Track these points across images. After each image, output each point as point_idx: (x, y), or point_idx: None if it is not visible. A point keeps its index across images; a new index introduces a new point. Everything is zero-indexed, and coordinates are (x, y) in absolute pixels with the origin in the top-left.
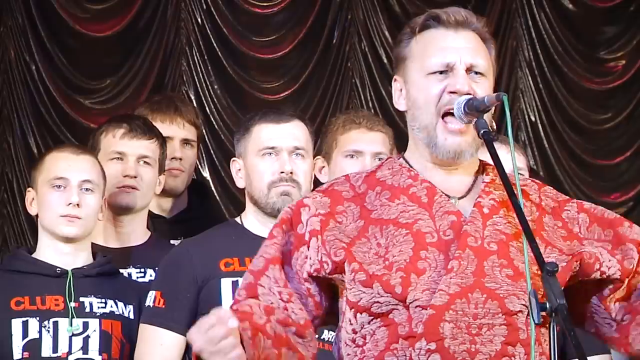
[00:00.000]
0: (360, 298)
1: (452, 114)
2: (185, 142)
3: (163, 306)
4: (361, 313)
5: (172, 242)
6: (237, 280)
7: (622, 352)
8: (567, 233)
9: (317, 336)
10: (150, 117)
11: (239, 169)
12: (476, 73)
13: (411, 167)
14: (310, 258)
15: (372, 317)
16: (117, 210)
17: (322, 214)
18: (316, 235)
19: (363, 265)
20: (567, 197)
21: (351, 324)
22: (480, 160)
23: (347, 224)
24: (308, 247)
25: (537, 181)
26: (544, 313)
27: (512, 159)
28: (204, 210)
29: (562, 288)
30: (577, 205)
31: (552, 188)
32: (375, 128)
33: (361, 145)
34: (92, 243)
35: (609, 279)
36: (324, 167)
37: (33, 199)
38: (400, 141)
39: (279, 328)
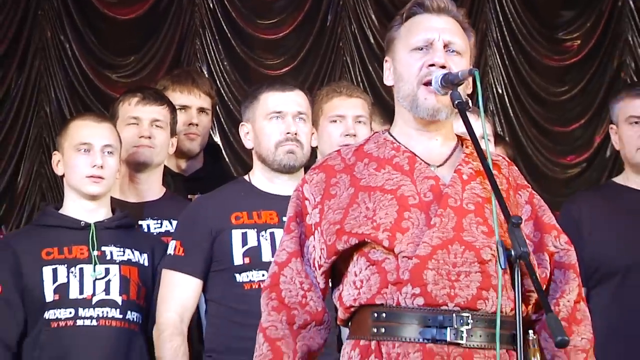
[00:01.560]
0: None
1: (430, 84)
2: (201, 110)
3: (182, 254)
4: (362, 258)
5: (189, 196)
6: (245, 232)
7: None
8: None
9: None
10: (171, 88)
11: (247, 132)
12: (453, 51)
13: (395, 139)
14: (315, 249)
15: (369, 264)
16: (135, 167)
17: (319, 201)
18: (317, 228)
19: (351, 232)
20: (525, 183)
21: (356, 267)
22: (458, 136)
23: (341, 193)
24: (314, 237)
25: (507, 159)
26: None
27: (483, 127)
28: (217, 170)
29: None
30: (529, 195)
31: (517, 169)
32: (354, 95)
33: (343, 110)
34: (112, 197)
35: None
36: (313, 133)
37: (59, 161)
38: (383, 104)
39: (299, 351)
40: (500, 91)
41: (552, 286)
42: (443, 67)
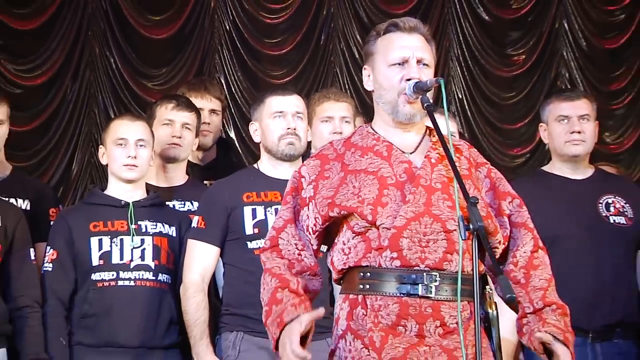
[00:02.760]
0: (351, 221)
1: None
2: (212, 111)
3: (204, 227)
4: (349, 231)
5: (205, 182)
6: (255, 208)
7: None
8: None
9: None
10: (187, 93)
11: (256, 129)
12: (424, 64)
13: (375, 132)
14: (309, 217)
15: (354, 235)
16: (166, 160)
17: (314, 179)
18: (311, 200)
19: (340, 204)
20: (484, 161)
21: (344, 237)
22: (427, 127)
23: (333, 177)
24: (308, 208)
25: (467, 143)
26: (468, 232)
27: (447, 125)
28: (227, 160)
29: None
30: (487, 170)
31: (476, 150)
32: (341, 99)
33: (331, 112)
34: (146, 183)
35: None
36: (308, 129)
37: (104, 153)
38: (365, 109)
39: (301, 281)
40: (460, 96)
41: (511, 242)
42: (417, 78)
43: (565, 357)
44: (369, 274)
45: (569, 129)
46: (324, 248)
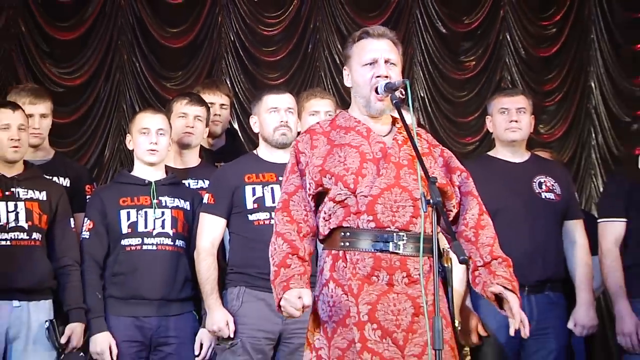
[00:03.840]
0: (331, 193)
1: (377, 90)
2: (222, 105)
3: (213, 202)
4: (330, 201)
5: (216, 164)
6: (254, 187)
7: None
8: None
9: None
10: (202, 91)
11: (255, 122)
12: (391, 64)
13: (354, 117)
14: (306, 183)
15: (334, 204)
16: (182, 146)
17: (307, 150)
18: (306, 170)
19: (329, 170)
20: (437, 143)
21: (325, 207)
22: (393, 117)
23: (321, 147)
24: (305, 177)
25: (426, 130)
26: (429, 205)
27: (411, 117)
28: (234, 146)
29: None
30: (440, 150)
31: (430, 135)
32: (325, 97)
33: (317, 107)
34: (165, 165)
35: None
36: (298, 122)
37: (130, 140)
38: (345, 105)
39: (307, 247)
40: (422, 95)
41: (461, 207)
42: (386, 76)
43: (514, 302)
44: (348, 233)
45: (508, 119)
46: None
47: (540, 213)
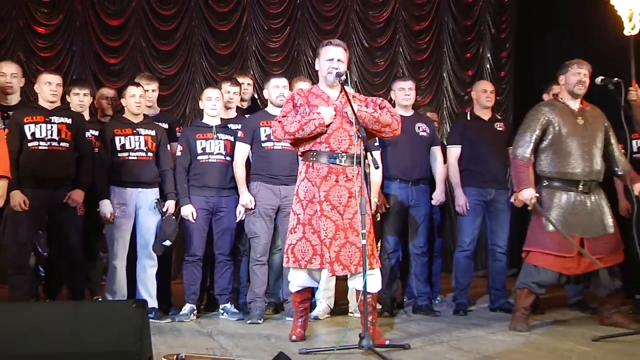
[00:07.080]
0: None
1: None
2: (249, 84)
3: (243, 136)
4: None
5: (245, 115)
6: (265, 128)
7: None
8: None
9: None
10: (238, 75)
11: (266, 94)
12: (341, 61)
13: (321, 89)
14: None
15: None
16: (227, 107)
17: (297, 99)
18: (297, 106)
19: (306, 108)
20: (372, 99)
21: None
22: (340, 90)
23: (301, 104)
24: (298, 110)
25: (361, 95)
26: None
27: (350, 89)
28: (255, 108)
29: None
30: (373, 102)
31: (364, 97)
32: (307, 81)
33: (300, 85)
34: (221, 118)
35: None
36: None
37: (201, 103)
38: (315, 81)
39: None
40: (355, 80)
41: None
42: (336, 68)
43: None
44: (314, 152)
45: (403, 95)
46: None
47: (418, 143)
